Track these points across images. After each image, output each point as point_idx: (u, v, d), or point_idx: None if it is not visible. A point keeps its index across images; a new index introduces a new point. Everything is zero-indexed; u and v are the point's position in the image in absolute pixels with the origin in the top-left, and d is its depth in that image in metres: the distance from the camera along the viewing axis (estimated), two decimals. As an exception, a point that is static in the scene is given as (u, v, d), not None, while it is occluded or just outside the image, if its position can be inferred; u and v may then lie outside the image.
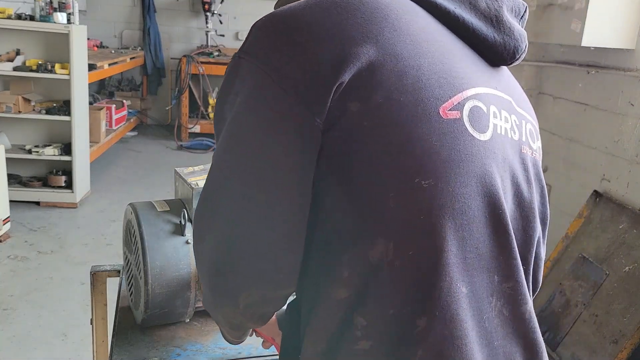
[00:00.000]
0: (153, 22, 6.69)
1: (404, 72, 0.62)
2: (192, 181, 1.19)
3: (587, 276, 2.52)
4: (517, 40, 0.74)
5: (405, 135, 0.61)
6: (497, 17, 0.72)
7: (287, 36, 0.63)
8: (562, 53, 3.11)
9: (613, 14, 2.55)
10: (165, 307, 1.12)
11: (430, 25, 0.68)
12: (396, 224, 0.61)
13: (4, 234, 3.46)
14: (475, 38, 0.71)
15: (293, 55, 0.61)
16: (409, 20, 0.66)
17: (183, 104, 6.23)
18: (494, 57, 0.74)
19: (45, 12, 3.92)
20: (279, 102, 0.61)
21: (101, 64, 4.67)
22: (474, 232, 0.64)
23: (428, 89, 0.62)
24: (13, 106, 3.91)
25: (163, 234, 1.12)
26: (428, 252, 0.61)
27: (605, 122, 2.74)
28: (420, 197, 0.61)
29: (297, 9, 0.65)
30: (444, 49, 0.67)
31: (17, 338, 2.53)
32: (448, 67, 0.65)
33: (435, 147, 0.61)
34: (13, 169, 3.96)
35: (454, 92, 0.64)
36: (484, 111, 0.67)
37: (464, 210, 0.63)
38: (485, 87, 0.69)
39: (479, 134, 0.65)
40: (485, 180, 0.65)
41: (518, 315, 0.69)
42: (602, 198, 2.70)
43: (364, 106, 0.60)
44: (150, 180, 4.95)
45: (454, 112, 0.63)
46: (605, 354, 2.26)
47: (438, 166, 0.61)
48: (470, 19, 0.71)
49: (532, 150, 0.75)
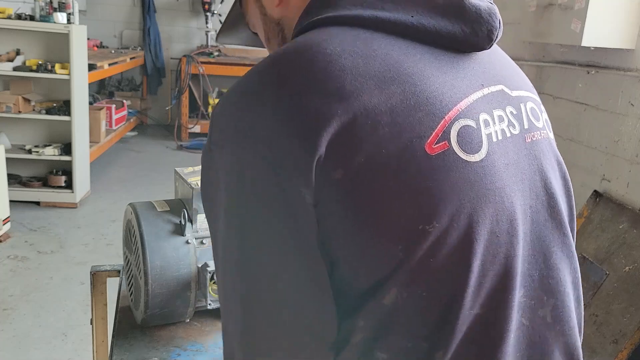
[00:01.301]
0: (153, 22, 6.70)
1: (378, 122, 0.58)
2: (192, 181, 1.19)
3: (587, 276, 2.52)
4: (488, 21, 0.68)
5: (396, 187, 0.59)
6: (459, 5, 0.67)
7: (250, 119, 0.60)
8: (562, 53, 3.11)
9: (613, 14, 2.55)
10: (165, 307, 1.12)
11: (392, 53, 0.64)
12: (407, 272, 0.60)
13: (4, 234, 3.46)
14: (443, 39, 0.67)
15: (264, 137, 0.59)
16: (366, 60, 0.61)
17: (183, 104, 6.23)
18: (469, 48, 0.69)
19: (45, 12, 3.92)
20: (263, 185, 0.59)
21: (101, 64, 4.67)
22: (488, 257, 0.63)
23: (408, 131, 0.59)
24: (13, 106, 3.91)
25: (163, 234, 1.12)
26: (441, 290, 0.62)
27: (605, 122, 2.74)
28: (427, 242, 0.60)
29: (249, 87, 0.62)
30: (414, 74, 0.63)
31: (17, 338, 2.53)
32: (423, 95, 0.62)
33: (430, 188, 0.59)
34: (13, 169, 3.96)
35: (436, 122, 0.61)
36: (474, 127, 0.64)
37: (475, 240, 0.62)
38: (469, 94, 0.66)
39: (472, 156, 0.62)
40: (492, 200, 0.63)
41: (538, 321, 0.70)
42: (602, 198, 2.70)
43: (347, 171, 0.58)
44: (150, 180, 4.95)
45: (441, 144, 0.61)
46: (605, 354, 2.26)
47: (437, 207, 0.59)
48: (432, 22, 0.66)
49: (538, 131, 0.73)
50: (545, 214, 0.71)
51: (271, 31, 0.80)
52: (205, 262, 1.13)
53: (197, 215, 1.16)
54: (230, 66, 6.18)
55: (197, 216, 1.16)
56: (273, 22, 0.79)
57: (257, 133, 0.59)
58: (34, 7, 3.92)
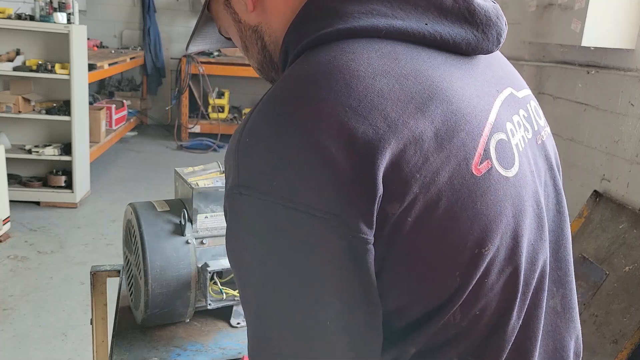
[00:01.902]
0: (153, 22, 6.70)
1: (427, 149, 0.55)
2: (192, 181, 1.19)
3: (587, 276, 2.52)
4: (497, 24, 0.67)
5: (450, 213, 0.57)
6: (469, 9, 0.64)
7: (290, 158, 0.53)
8: (562, 53, 3.11)
9: (613, 14, 2.55)
10: (165, 307, 1.12)
11: (420, 66, 0.60)
12: (463, 295, 0.60)
13: (4, 234, 3.45)
14: (457, 46, 0.65)
15: (309, 179, 0.53)
16: (400, 81, 0.57)
17: (183, 104, 6.23)
18: (481, 52, 0.68)
19: (45, 12, 3.92)
20: (311, 233, 0.54)
21: (101, 64, 4.67)
22: (529, 266, 0.65)
23: (454, 155, 0.57)
24: (13, 106, 3.91)
25: (163, 234, 1.12)
26: (492, 308, 0.62)
27: (605, 122, 2.74)
28: (483, 264, 0.60)
29: (279, 119, 0.55)
30: (446, 89, 0.60)
31: (17, 338, 2.53)
32: (460, 113, 0.59)
33: (482, 210, 0.59)
34: (13, 169, 3.96)
35: (477, 140, 0.59)
36: (506, 140, 0.63)
37: (520, 254, 0.63)
38: (492, 105, 0.65)
39: (509, 171, 0.62)
40: (530, 212, 0.65)
41: (549, 311, 0.72)
42: (602, 198, 2.70)
43: (402, 205, 0.55)
44: (150, 180, 4.95)
45: (485, 164, 0.60)
46: (605, 354, 2.26)
47: (491, 228, 0.59)
48: (446, 30, 0.63)
49: (541, 129, 0.75)
50: (555, 209, 0.73)
51: (248, 39, 0.74)
52: (205, 262, 1.13)
53: (197, 215, 1.16)
54: (230, 66, 6.18)
55: (197, 216, 1.16)
56: (249, 29, 0.73)
57: (298, 181, 0.53)
58: (34, 7, 3.92)
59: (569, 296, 0.74)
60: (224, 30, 0.79)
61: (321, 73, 0.56)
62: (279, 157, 0.54)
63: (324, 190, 0.53)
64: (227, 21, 0.76)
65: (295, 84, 0.57)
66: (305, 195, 0.53)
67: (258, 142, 0.55)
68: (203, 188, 1.16)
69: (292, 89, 0.56)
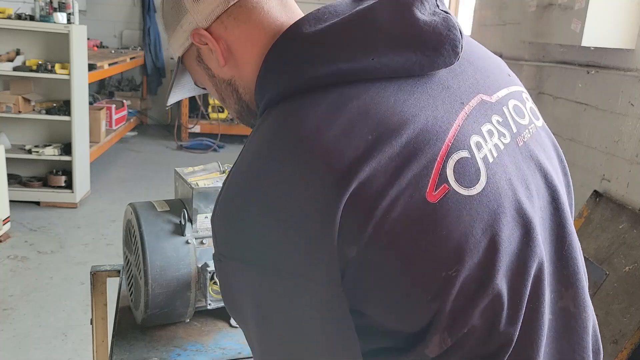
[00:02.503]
0: (153, 22, 6.69)
1: (376, 190, 0.58)
2: (192, 181, 1.19)
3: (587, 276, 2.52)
4: (448, 36, 0.65)
5: (411, 246, 0.59)
6: (416, 33, 0.64)
7: (253, 228, 0.60)
8: (562, 53, 3.11)
9: (613, 14, 2.55)
10: (165, 307, 1.12)
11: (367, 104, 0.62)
12: (444, 319, 0.61)
13: (4, 234, 3.45)
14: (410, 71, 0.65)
15: (274, 243, 0.59)
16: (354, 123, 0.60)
17: (183, 104, 6.23)
18: (439, 68, 0.66)
19: (45, 12, 3.92)
20: (285, 292, 0.60)
21: (101, 64, 4.67)
22: (516, 277, 0.64)
23: (406, 188, 0.59)
24: (13, 106, 3.91)
25: (163, 234, 1.12)
26: (481, 325, 0.63)
27: (605, 122, 2.74)
28: (455, 286, 0.60)
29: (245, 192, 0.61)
30: (400, 122, 0.61)
31: (17, 338, 2.53)
32: (411, 145, 0.60)
33: (444, 235, 0.59)
34: (13, 169, 3.96)
35: (430, 167, 0.60)
36: (468, 157, 0.63)
37: (499, 268, 0.62)
38: (453, 120, 0.64)
39: (472, 189, 0.62)
40: (507, 221, 0.64)
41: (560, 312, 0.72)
42: (602, 198, 2.70)
43: (360, 247, 0.58)
44: (150, 180, 4.95)
45: (441, 189, 0.60)
46: (605, 354, 2.26)
47: (457, 249, 0.60)
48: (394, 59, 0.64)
49: (526, 128, 0.73)
50: (551, 207, 0.72)
51: (224, 91, 0.78)
52: (205, 262, 1.13)
53: (197, 215, 1.16)
54: (230, 66, 6.17)
55: (197, 216, 1.16)
56: (224, 83, 0.76)
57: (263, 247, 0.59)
58: (34, 7, 3.92)
59: (581, 295, 0.73)
60: (199, 83, 0.82)
61: (274, 141, 0.62)
62: (246, 228, 0.60)
63: (289, 254, 0.58)
64: (202, 75, 0.79)
65: (252, 159, 0.62)
66: (273, 260, 0.59)
67: (228, 215, 0.62)
68: (203, 188, 1.16)
69: (250, 163, 0.62)
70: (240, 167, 0.63)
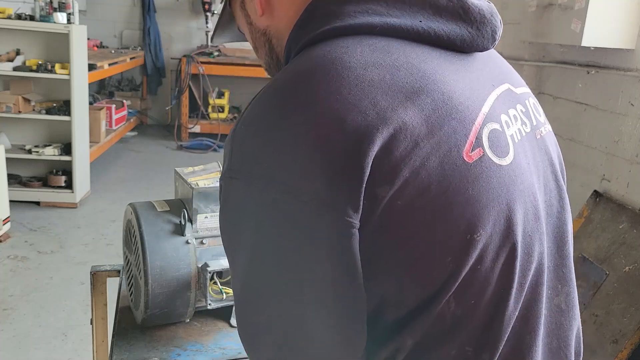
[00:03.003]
0: (153, 22, 6.70)
1: (417, 135, 0.57)
2: (192, 181, 1.19)
3: (587, 276, 2.52)
4: (491, 21, 0.69)
5: (441, 198, 0.58)
6: (463, 7, 0.66)
7: (280, 144, 0.56)
8: (562, 53, 3.11)
9: (613, 14, 2.55)
10: (165, 307, 1.12)
11: (411, 59, 0.62)
12: (456, 282, 0.60)
13: (4, 234, 3.45)
14: (452, 42, 0.67)
15: (299, 164, 0.55)
16: (392, 72, 0.60)
17: (183, 104, 6.23)
18: (475, 50, 0.70)
19: (45, 12, 3.92)
20: (303, 217, 0.56)
21: (101, 64, 4.67)
22: (526, 256, 0.64)
23: (445, 141, 0.59)
24: (13, 106, 3.91)
25: (163, 234, 1.12)
26: (488, 296, 0.62)
27: (605, 122, 2.74)
28: (475, 250, 0.60)
29: (274, 108, 0.58)
30: (438, 81, 0.62)
31: (17, 338, 2.53)
32: (452, 103, 0.61)
33: (473, 196, 0.59)
34: (13, 169, 3.96)
35: (469, 128, 0.61)
36: (500, 130, 0.64)
37: (514, 242, 0.62)
38: (487, 97, 0.66)
39: (503, 160, 0.63)
40: (524, 200, 0.64)
41: (554, 309, 0.72)
42: (602, 198, 2.70)
43: (393, 187, 0.56)
44: (150, 180, 4.95)
45: (477, 151, 0.61)
46: (605, 354, 2.26)
47: (482, 214, 0.60)
48: (440, 27, 0.65)
49: (542, 126, 0.76)
50: (558, 205, 0.73)
51: (257, 40, 0.78)
52: (205, 262, 1.13)
53: (197, 215, 1.16)
54: (230, 66, 6.18)
55: (197, 216, 1.16)
56: (259, 32, 0.77)
57: (289, 165, 0.56)
58: (34, 7, 3.92)
59: (572, 294, 0.74)
60: (241, 28, 0.84)
61: (315, 66, 0.59)
62: (270, 142, 0.57)
63: (311, 174, 0.55)
64: (242, 21, 0.81)
65: (291, 77, 0.60)
66: (294, 178, 0.56)
67: (252, 129, 0.59)
68: (203, 188, 1.16)
69: (287, 80, 0.60)
70: (275, 85, 0.60)
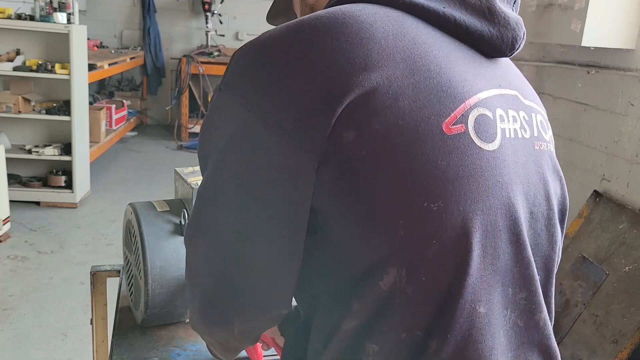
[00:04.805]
0: (153, 22, 6.70)
1: (399, 94, 0.58)
2: (192, 181, 1.19)
3: (587, 276, 2.52)
4: (514, 29, 0.70)
5: (407, 159, 0.58)
6: (490, 8, 0.68)
7: (267, 70, 0.60)
8: (562, 53, 3.11)
9: (613, 14, 2.56)
10: (165, 307, 1.12)
11: (421, 34, 0.64)
12: (407, 252, 0.59)
13: (4, 234, 3.46)
14: (470, 36, 0.67)
15: (276, 91, 0.59)
16: (396, 34, 0.62)
17: (183, 104, 6.23)
18: (492, 51, 0.70)
19: (45, 12, 3.92)
20: (264, 139, 0.59)
21: (101, 64, 4.67)
22: (489, 249, 0.62)
23: (427, 107, 0.59)
24: (13, 106, 3.91)
25: (163, 234, 1.12)
26: (441, 276, 0.60)
27: (605, 122, 2.74)
28: (430, 221, 0.58)
29: (275, 38, 0.61)
30: (440, 57, 0.63)
31: (17, 338, 2.53)
32: (446, 78, 0.62)
33: (442, 166, 0.59)
34: (13, 169, 3.96)
35: (456, 104, 0.61)
36: (490, 118, 0.64)
37: (477, 228, 0.61)
38: (488, 89, 0.66)
39: (486, 144, 0.62)
40: (497, 192, 0.62)
41: (532, 324, 0.69)
42: (602, 198, 2.70)
43: (360, 135, 0.57)
44: (150, 180, 4.95)
45: (458, 126, 0.60)
46: (605, 354, 2.26)
47: (446, 187, 0.59)
48: (462, 17, 0.67)
49: (545, 142, 0.73)
50: (544, 223, 0.70)
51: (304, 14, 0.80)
52: (205, 262, 1.13)
53: (197, 215, 1.16)
54: (230, 66, 6.17)
55: (197, 216, 1.16)
56: (307, 7, 0.79)
57: (273, 87, 0.59)
58: (34, 7, 3.92)
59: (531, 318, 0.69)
60: (295, 7, 0.86)
61: (327, 13, 0.62)
62: (261, 66, 0.60)
63: (283, 105, 0.58)
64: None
65: (302, 19, 0.63)
66: (267, 104, 0.59)
67: (251, 51, 0.62)
68: (203, 188, 1.16)
69: (299, 21, 0.63)
70: (289, 23, 0.63)
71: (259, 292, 0.66)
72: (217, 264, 0.66)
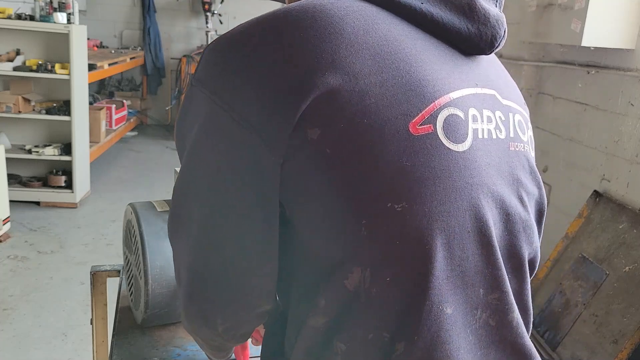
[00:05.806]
0: (153, 22, 6.70)
1: (366, 92, 0.57)
2: (192, 181, 1.19)
3: (587, 276, 2.52)
4: (494, 27, 0.68)
5: (371, 159, 0.57)
6: (470, 5, 0.66)
7: (235, 66, 0.59)
8: (562, 53, 3.11)
9: (613, 14, 2.56)
10: (165, 307, 1.12)
11: (394, 30, 0.62)
12: (371, 252, 0.58)
13: (4, 234, 3.46)
14: (447, 32, 0.66)
15: (242, 86, 0.58)
16: (367, 30, 0.60)
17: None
18: (470, 49, 0.68)
19: (45, 12, 3.92)
20: (232, 133, 0.59)
21: (101, 64, 4.67)
22: (456, 250, 0.61)
23: (394, 106, 0.58)
24: (13, 106, 3.91)
25: (163, 234, 1.12)
26: (406, 278, 0.59)
27: (605, 122, 2.74)
28: (394, 222, 0.57)
29: (245, 33, 0.61)
30: (412, 55, 0.61)
31: (17, 338, 2.53)
32: (416, 77, 0.60)
33: (407, 167, 0.58)
34: (13, 169, 3.96)
35: (425, 104, 0.60)
36: (462, 118, 0.62)
37: (443, 229, 0.59)
38: (463, 88, 0.65)
39: (455, 145, 0.61)
40: (466, 194, 0.61)
41: (505, 323, 0.68)
42: (602, 198, 2.70)
43: (325, 133, 0.56)
44: (150, 180, 4.95)
45: (426, 127, 0.59)
46: (605, 354, 2.26)
47: (411, 187, 0.58)
48: (440, 14, 0.65)
49: (522, 143, 0.72)
50: (520, 225, 0.69)
51: None
52: (205, 262, 1.13)
53: (197, 215, 1.16)
54: (230, 66, 6.18)
55: (197, 216, 1.16)
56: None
57: (239, 82, 0.59)
58: (34, 7, 3.92)
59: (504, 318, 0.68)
60: None
61: (298, 7, 0.61)
62: (229, 61, 0.60)
63: (250, 100, 0.58)
64: None
65: (274, 13, 0.62)
66: (234, 99, 0.59)
67: (221, 45, 0.62)
68: (203, 188, 1.16)
69: (269, 15, 0.62)
70: (260, 16, 0.63)
71: (234, 284, 0.65)
72: (193, 255, 0.66)
